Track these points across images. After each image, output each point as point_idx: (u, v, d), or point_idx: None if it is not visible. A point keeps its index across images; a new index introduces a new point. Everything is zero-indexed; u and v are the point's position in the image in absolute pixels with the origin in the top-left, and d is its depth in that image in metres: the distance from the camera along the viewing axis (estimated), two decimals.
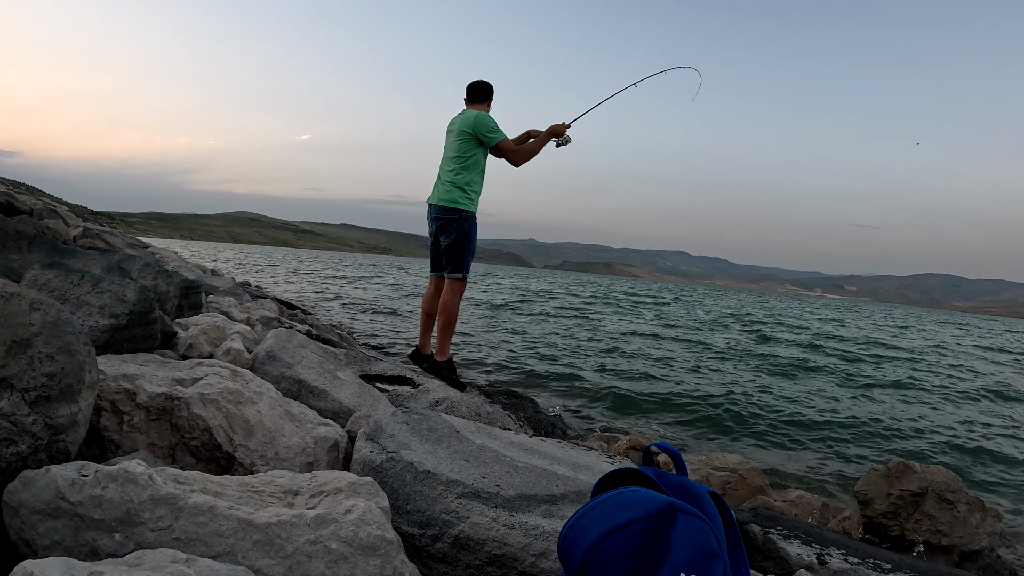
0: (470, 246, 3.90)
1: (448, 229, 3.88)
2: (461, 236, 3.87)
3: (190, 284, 3.91)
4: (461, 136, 3.87)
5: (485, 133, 3.83)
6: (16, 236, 3.27)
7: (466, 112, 3.97)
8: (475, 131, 3.83)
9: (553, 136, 4.10)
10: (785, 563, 2.33)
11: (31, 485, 1.17)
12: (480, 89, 4.07)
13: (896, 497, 3.48)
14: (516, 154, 3.95)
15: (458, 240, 3.87)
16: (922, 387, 9.71)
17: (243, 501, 1.32)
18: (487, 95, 4.07)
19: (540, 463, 2.04)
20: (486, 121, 3.84)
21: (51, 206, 13.89)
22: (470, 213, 3.88)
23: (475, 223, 3.92)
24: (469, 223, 3.88)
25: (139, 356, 2.15)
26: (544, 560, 1.56)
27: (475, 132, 3.83)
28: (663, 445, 1.10)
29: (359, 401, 2.70)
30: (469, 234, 3.89)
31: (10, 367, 1.29)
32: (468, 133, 3.84)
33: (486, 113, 3.92)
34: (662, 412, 6.44)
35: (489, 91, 4.07)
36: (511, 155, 3.94)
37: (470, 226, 3.89)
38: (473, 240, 3.92)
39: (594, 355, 9.76)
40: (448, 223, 3.88)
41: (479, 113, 3.89)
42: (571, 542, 0.88)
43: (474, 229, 3.92)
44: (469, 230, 3.88)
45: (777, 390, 8.19)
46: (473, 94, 4.07)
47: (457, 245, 3.87)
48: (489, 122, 3.85)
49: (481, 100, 4.06)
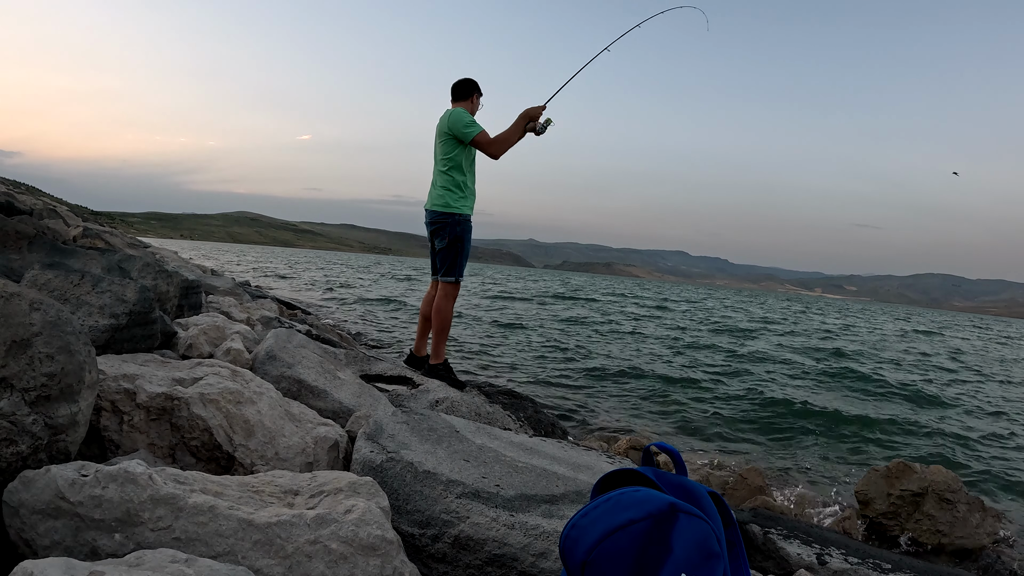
0: (464, 249, 3.88)
1: (441, 233, 3.86)
2: (454, 240, 3.84)
3: (190, 284, 3.91)
4: (442, 137, 3.84)
5: (461, 130, 3.75)
6: (16, 236, 3.27)
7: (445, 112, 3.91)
8: (451, 130, 3.77)
9: (529, 119, 3.87)
10: (785, 563, 2.33)
11: (31, 485, 1.16)
12: (459, 87, 3.98)
13: (896, 497, 3.48)
14: (492, 146, 3.80)
15: (451, 244, 3.84)
16: (927, 390, 9.72)
17: (243, 501, 1.32)
18: (467, 92, 3.98)
19: (540, 463, 2.04)
20: (460, 117, 3.77)
21: (51, 206, 13.88)
22: (463, 216, 3.85)
23: (469, 226, 3.89)
24: (462, 226, 3.85)
25: (139, 356, 2.15)
26: (544, 560, 1.56)
27: (451, 131, 3.78)
28: (663, 445, 1.10)
29: (359, 401, 2.70)
30: (462, 238, 3.86)
31: (10, 367, 1.28)
32: (447, 134, 3.80)
33: (460, 109, 3.85)
34: (662, 412, 6.44)
35: (469, 88, 3.97)
36: (487, 148, 3.80)
37: (463, 230, 3.86)
38: (467, 243, 3.90)
39: (594, 355, 9.76)
40: (441, 227, 3.85)
41: (454, 111, 3.83)
42: (573, 542, 0.88)
43: (467, 232, 3.89)
44: (462, 234, 3.86)
45: (777, 391, 8.19)
46: (455, 93, 4.00)
47: (450, 249, 3.85)
48: (464, 117, 3.77)
49: (462, 98, 3.98)
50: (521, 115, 3.88)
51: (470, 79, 3.99)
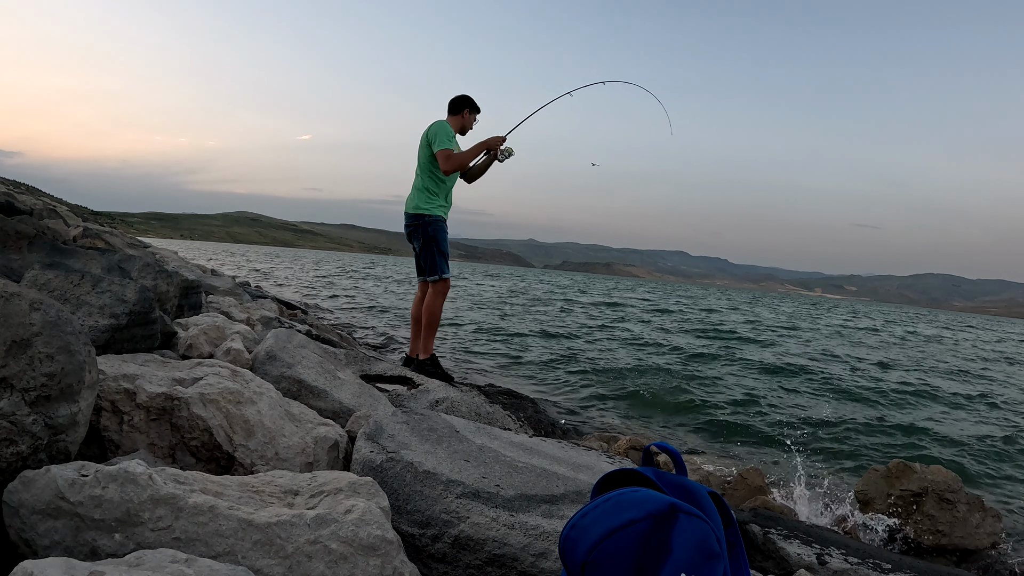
0: (439, 248, 4.07)
1: (416, 234, 4.10)
2: (428, 240, 4.05)
3: (190, 284, 3.91)
4: (423, 143, 4.09)
5: (434, 139, 4.00)
6: (16, 236, 3.27)
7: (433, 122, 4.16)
8: (429, 139, 4.03)
9: (488, 148, 4.19)
10: (785, 563, 2.33)
11: (31, 485, 1.16)
12: (453, 102, 4.27)
13: (896, 497, 3.48)
14: (445, 162, 3.98)
15: (426, 244, 4.06)
16: (931, 391, 9.71)
17: (243, 501, 1.32)
18: (458, 108, 4.24)
19: (540, 463, 2.04)
20: (437, 131, 4.02)
21: (51, 206, 13.88)
22: (433, 217, 4.06)
23: (440, 226, 4.09)
24: (433, 226, 4.06)
25: (139, 356, 2.15)
26: (544, 560, 1.56)
27: (429, 140, 4.04)
28: (663, 445, 1.10)
29: (359, 401, 2.70)
30: (435, 237, 4.06)
31: (10, 367, 1.28)
32: (427, 140, 4.06)
33: (442, 122, 4.10)
34: (662, 412, 6.44)
35: (461, 104, 4.23)
36: (442, 163, 3.99)
37: (435, 229, 4.06)
38: (441, 242, 4.09)
39: (595, 355, 9.76)
40: (415, 228, 4.09)
41: (438, 122, 4.09)
42: (572, 542, 0.88)
43: (440, 232, 4.08)
44: (435, 233, 4.06)
45: (778, 391, 8.19)
46: (448, 107, 4.28)
47: (426, 249, 4.07)
48: (440, 132, 4.01)
49: (453, 112, 4.25)
50: (480, 143, 4.19)
51: (464, 96, 4.27)
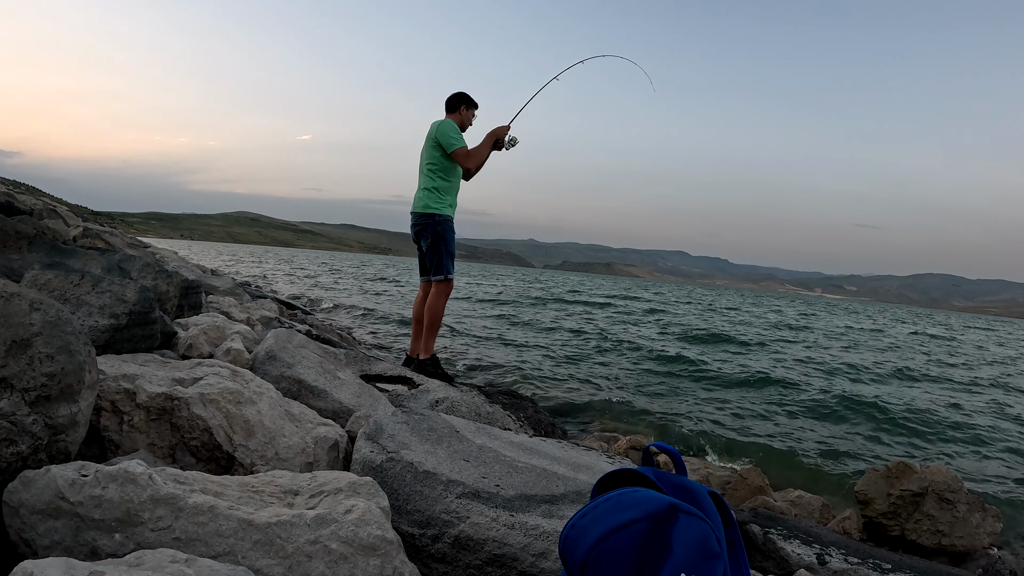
0: (447, 248, 4.11)
1: (424, 234, 4.12)
2: (436, 239, 4.08)
3: (190, 284, 3.91)
4: (429, 143, 4.11)
5: (446, 140, 4.03)
6: (16, 236, 3.27)
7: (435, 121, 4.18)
8: (439, 138, 4.05)
9: (496, 137, 4.24)
10: (785, 563, 2.33)
11: (31, 485, 1.16)
12: (450, 100, 4.29)
13: (896, 497, 3.48)
14: (467, 159, 4.07)
15: (434, 243, 4.09)
16: (931, 391, 9.71)
17: (243, 501, 1.32)
18: (454, 105, 4.26)
19: (540, 463, 2.04)
20: (447, 130, 4.05)
21: (51, 206, 13.88)
22: (443, 217, 4.09)
23: (449, 226, 4.13)
24: (443, 226, 4.09)
25: (139, 356, 2.15)
26: (544, 560, 1.56)
27: (439, 139, 4.05)
28: (663, 445, 1.10)
29: (359, 401, 2.70)
30: (444, 236, 4.10)
31: (10, 367, 1.28)
32: (435, 141, 4.07)
33: (449, 121, 4.13)
34: (663, 412, 6.44)
35: (458, 101, 4.26)
36: (463, 162, 4.08)
37: (444, 229, 4.09)
38: (449, 242, 4.13)
39: (595, 356, 9.76)
40: (424, 228, 4.11)
41: (443, 122, 4.11)
42: (572, 542, 0.88)
43: (449, 232, 4.12)
44: (444, 233, 4.09)
45: (778, 391, 8.19)
46: (446, 105, 4.31)
47: (434, 248, 4.10)
48: (450, 131, 4.05)
49: (450, 110, 4.27)
50: (489, 133, 4.24)
51: (461, 93, 4.30)
